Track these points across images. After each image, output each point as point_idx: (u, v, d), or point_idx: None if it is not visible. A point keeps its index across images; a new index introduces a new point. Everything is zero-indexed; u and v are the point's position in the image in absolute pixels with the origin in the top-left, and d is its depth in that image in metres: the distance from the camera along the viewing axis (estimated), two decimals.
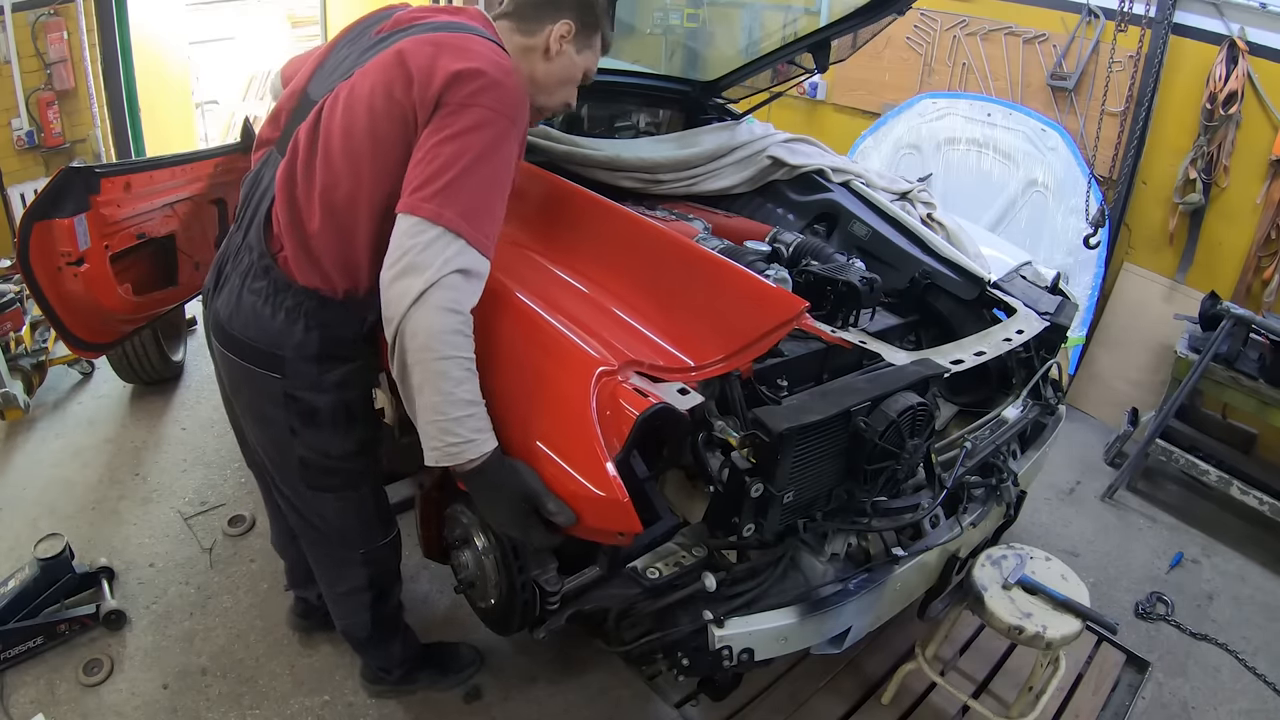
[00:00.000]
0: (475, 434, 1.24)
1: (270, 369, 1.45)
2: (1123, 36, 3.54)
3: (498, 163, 1.26)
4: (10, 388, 2.79)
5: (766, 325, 1.49)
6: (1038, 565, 1.85)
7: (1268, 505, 2.90)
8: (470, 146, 1.23)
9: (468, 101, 1.23)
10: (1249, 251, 3.38)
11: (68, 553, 2.20)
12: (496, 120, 1.25)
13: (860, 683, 2.17)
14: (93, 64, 4.10)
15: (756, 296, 1.57)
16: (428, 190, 1.20)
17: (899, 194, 2.64)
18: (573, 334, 1.41)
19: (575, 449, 1.29)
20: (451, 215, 1.19)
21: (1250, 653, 2.51)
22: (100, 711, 1.98)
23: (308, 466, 1.56)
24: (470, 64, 1.25)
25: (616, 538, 1.32)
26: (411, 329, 1.18)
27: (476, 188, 1.22)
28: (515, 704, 2.10)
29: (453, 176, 1.21)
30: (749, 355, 1.49)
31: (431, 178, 1.21)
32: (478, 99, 1.24)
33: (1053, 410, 2.27)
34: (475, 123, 1.23)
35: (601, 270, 1.66)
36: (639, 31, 3.56)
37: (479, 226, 1.22)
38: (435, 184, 1.20)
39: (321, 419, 1.50)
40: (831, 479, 1.57)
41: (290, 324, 1.41)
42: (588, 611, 1.57)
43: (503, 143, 1.26)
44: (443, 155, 1.22)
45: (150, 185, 2.35)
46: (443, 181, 1.20)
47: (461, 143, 1.22)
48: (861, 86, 4.58)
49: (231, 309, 1.45)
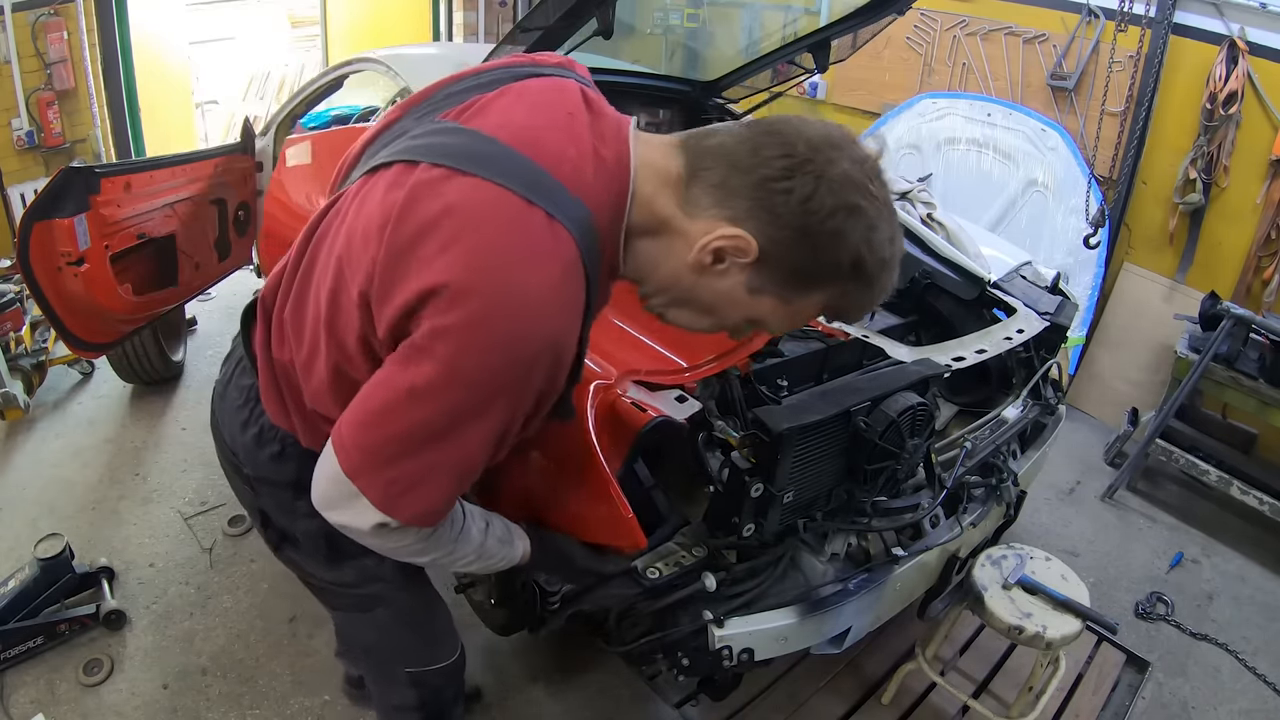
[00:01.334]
0: (504, 553, 1.14)
1: (244, 482, 1.20)
2: (1123, 36, 3.54)
3: (467, 439, 0.86)
4: (10, 388, 2.79)
5: None
6: (1038, 565, 1.85)
7: (1268, 505, 2.90)
8: (411, 416, 0.84)
9: (429, 340, 0.81)
10: (1249, 251, 3.38)
11: (68, 553, 2.20)
12: (467, 388, 0.82)
13: (860, 683, 2.17)
14: (93, 64, 4.10)
15: None
16: (356, 431, 0.87)
17: (899, 194, 2.65)
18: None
19: (576, 467, 1.30)
20: (368, 482, 0.87)
21: (1250, 653, 2.51)
22: (100, 711, 1.98)
23: (304, 582, 1.33)
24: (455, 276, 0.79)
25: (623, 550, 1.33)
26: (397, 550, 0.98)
27: (420, 463, 0.86)
28: (515, 704, 2.10)
29: (389, 438, 0.85)
30: (742, 353, 1.49)
31: (365, 424, 0.87)
32: (445, 348, 0.80)
33: (1053, 410, 2.27)
34: (429, 385, 0.81)
35: None
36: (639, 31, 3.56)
37: (403, 503, 0.88)
38: (364, 434, 0.87)
39: (302, 547, 1.22)
40: (831, 479, 1.57)
41: (260, 445, 1.13)
42: (588, 611, 1.57)
43: (473, 422, 0.84)
44: (387, 402, 0.85)
45: (150, 185, 2.35)
46: (375, 435, 0.86)
47: (403, 406, 0.84)
48: (861, 86, 4.58)
49: (220, 394, 1.22)
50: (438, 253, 0.80)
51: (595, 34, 2.06)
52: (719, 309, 0.93)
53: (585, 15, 1.89)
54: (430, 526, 0.95)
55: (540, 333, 0.82)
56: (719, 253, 0.86)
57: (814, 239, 0.84)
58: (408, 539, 0.95)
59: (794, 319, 0.94)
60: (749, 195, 0.84)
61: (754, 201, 0.84)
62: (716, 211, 0.86)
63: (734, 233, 0.84)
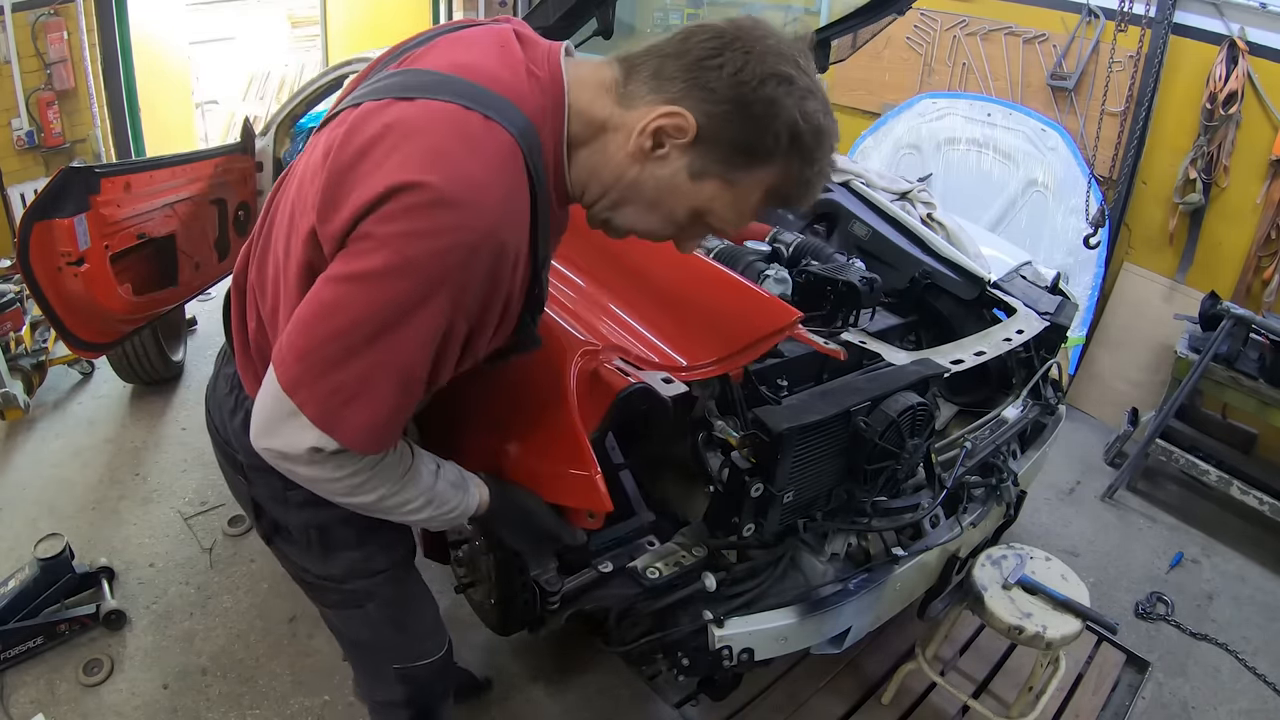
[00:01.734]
0: (453, 508, 1.11)
1: (236, 471, 1.20)
2: (1123, 36, 3.54)
3: (404, 339, 0.84)
4: (10, 388, 2.79)
5: (759, 333, 1.50)
6: (1038, 565, 1.85)
7: (1268, 505, 2.90)
8: (355, 307, 0.82)
9: (370, 234, 0.81)
10: (1249, 251, 3.38)
11: (68, 553, 2.20)
12: (410, 274, 0.81)
13: (860, 683, 2.17)
14: (93, 64, 4.10)
15: (752, 304, 1.58)
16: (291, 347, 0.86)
17: (899, 194, 2.64)
18: (559, 316, 1.41)
19: (550, 423, 1.27)
20: (306, 396, 0.86)
21: (1250, 653, 2.50)
22: (100, 711, 1.98)
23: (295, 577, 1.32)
24: (375, 189, 0.80)
25: (586, 519, 1.29)
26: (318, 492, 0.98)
27: (356, 368, 0.85)
28: (515, 704, 2.10)
29: (322, 342, 0.84)
30: (740, 360, 1.49)
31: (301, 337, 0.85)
32: (387, 237, 0.80)
33: (1053, 410, 2.27)
34: (374, 271, 0.81)
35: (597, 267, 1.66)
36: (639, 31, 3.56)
37: (344, 416, 0.86)
38: (300, 345, 0.85)
39: (294, 539, 1.22)
40: (831, 479, 1.57)
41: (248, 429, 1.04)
42: (588, 611, 1.57)
43: (419, 312, 0.83)
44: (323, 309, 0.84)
45: (150, 185, 2.35)
46: (310, 344, 0.85)
47: (348, 298, 0.83)
48: (861, 86, 4.58)
49: (212, 385, 1.23)
50: (379, 163, 0.81)
51: (595, 34, 2.06)
52: (663, 200, 0.94)
53: (585, 15, 1.89)
54: (373, 452, 0.92)
55: (483, 220, 0.82)
56: (658, 134, 0.89)
57: (749, 109, 0.86)
58: (347, 469, 0.92)
59: (739, 206, 0.94)
60: (683, 77, 0.88)
61: (688, 82, 0.88)
62: (653, 97, 0.89)
63: (670, 109, 0.87)
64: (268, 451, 0.92)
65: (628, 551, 1.54)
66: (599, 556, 1.52)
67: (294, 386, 0.86)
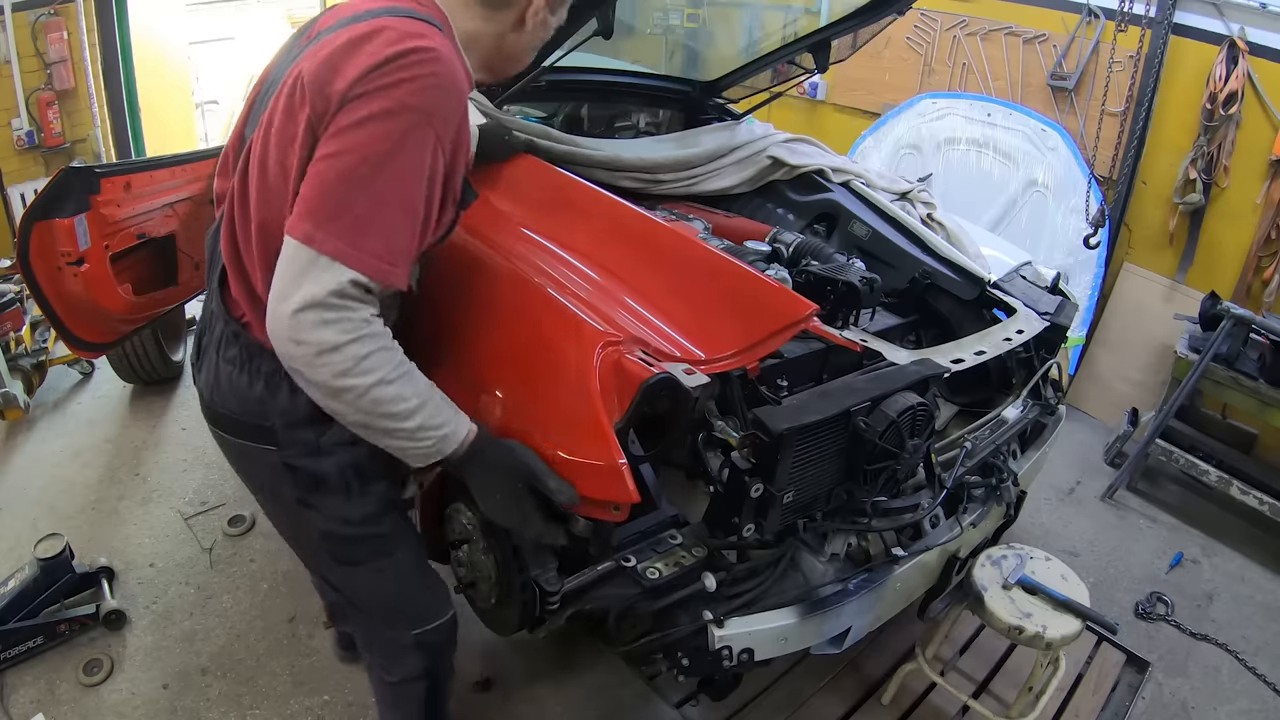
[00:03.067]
0: (443, 423, 1.14)
1: (263, 441, 1.28)
2: (1123, 36, 3.54)
3: (401, 168, 1.03)
4: (10, 388, 2.79)
5: (776, 325, 1.49)
6: (1038, 565, 1.85)
7: (1268, 505, 2.90)
8: (356, 148, 1.01)
9: (368, 89, 1.02)
10: (1249, 251, 3.38)
11: (68, 553, 2.20)
12: (401, 113, 1.02)
13: (860, 683, 2.17)
14: (93, 64, 4.10)
15: (768, 297, 1.57)
16: (303, 207, 1.02)
17: (899, 194, 2.64)
18: (579, 308, 1.41)
19: (572, 414, 1.26)
20: (323, 236, 1.00)
21: (1250, 653, 2.51)
22: (100, 711, 1.98)
23: (331, 539, 1.39)
24: (374, 57, 1.02)
25: (610, 511, 1.27)
26: (318, 378, 1.03)
27: (364, 201, 1.01)
28: (515, 703, 2.10)
29: (330, 189, 1.01)
30: (758, 353, 1.49)
31: (310, 194, 1.02)
32: (384, 84, 1.02)
33: (1053, 410, 2.27)
34: (370, 115, 1.01)
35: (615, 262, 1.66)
36: (639, 31, 3.56)
37: (361, 245, 1.01)
38: (311, 200, 1.02)
39: (331, 486, 1.32)
40: (831, 479, 1.57)
41: (272, 390, 1.24)
42: (588, 611, 1.57)
43: (409, 142, 1.03)
44: (325, 164, 1.02)
45: (150, 185, 2.35)
46: (319, 196, 1.01)
47: (347, 144, 1.01)
48: (861, 86, 4.58)
49: (212, 384, 1.30)
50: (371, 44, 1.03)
51: (595, 34, 2.06)
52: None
53: (585, 15, 1.89)
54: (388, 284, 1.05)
55: (451, 71, 1.07)
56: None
57: None
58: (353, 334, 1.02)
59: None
60: None
61: None
62: None
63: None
64: (284, 318, 1.00)
65: (651, 545, 1.53)
66: (622, 550, 1.50)
67: (310, 236, 1.00)
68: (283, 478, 1.31)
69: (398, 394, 1.08)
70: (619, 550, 1.50)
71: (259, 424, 1.26)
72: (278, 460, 1.29)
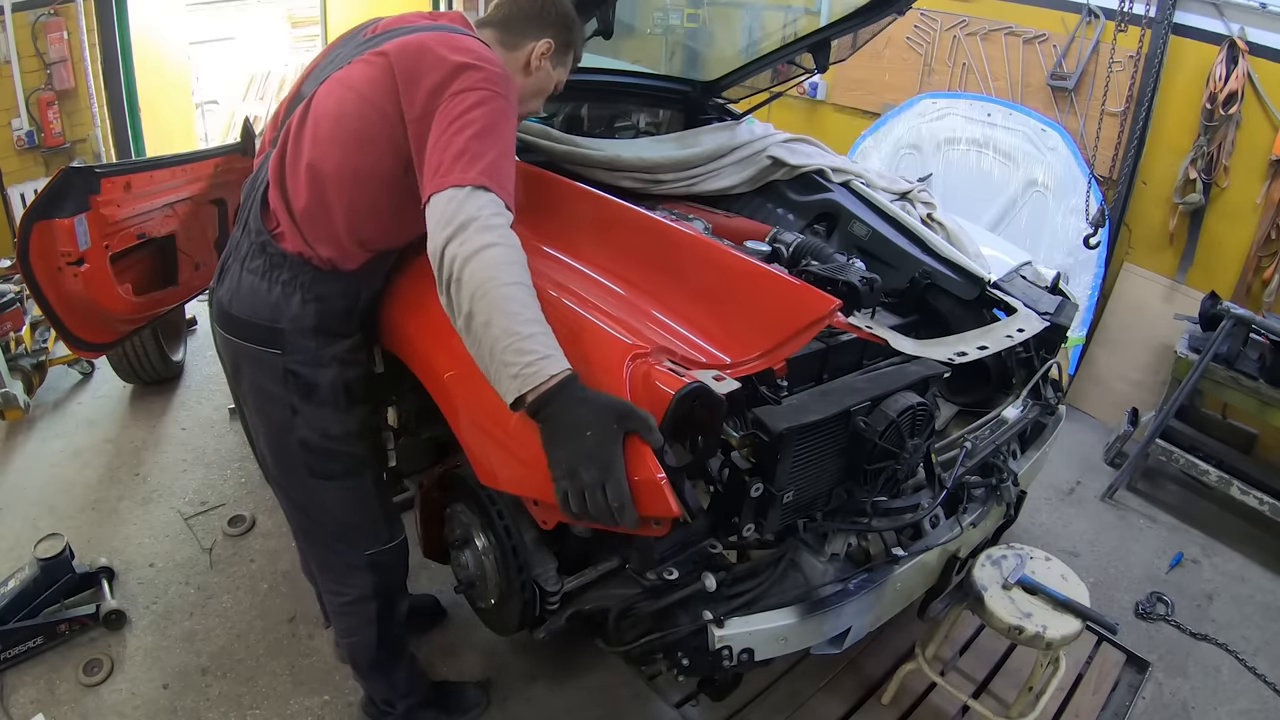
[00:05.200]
0: (550, 350, 1.17)
1: (270, 344, 1.48)
2: (1123, 36, 3.54)
3: (505, 132, 1.35)
4: (10, 388, 2.79)
5: (800, 323, 1.49)
6: (1038, 565, 1.85)
7: (1268, 505, 2.90)
8: (476, 120, 1.31)
9: (466, 87, 1.32)
10: (1249, 251, 3.38)
11: (68, 553, 2.20)
12: (495, 98, 1.33)
13: (860, 683, 2.17)
14: (93, 64, 4.10)
15: (788, 295, 1.57)
16: (451, 166, 1.27)
17: (899, 194, 2.64)
18: (603, 323, 1.41)
19: None
20: (475, 174, 1.26)
21: (1250, 653, 2.51)
22: (100, 711, 1.98)
23: (309, 449, 1.56)
24: (462, 57, 1.35)
25: (652, 527, 1.24)
26: (470, 269, 1.18)
27: (493, 153, 1.30)
28: (515, 704, 2.10)
29: (469, 147, 1.28)
30: (784, 353, 1.49)
31: (455, 157, 1.28)
32: (476, 85, 1.33)
33: (1053, 410, 2.27)
34: (479, 101, 1.32)
35: (632, 271, 1.66)
36: (639, 31, 3.56)
37: (501, 184, 1.28)
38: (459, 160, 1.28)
39: (322, 396, 1.52)
40: (831, 479, 1.57)
41: (287, 296, 1.46)
42: (588, 611, 1.57)
43: (505, 116, 1.35)
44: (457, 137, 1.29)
45: (150, 185, 2.35)
46: (464, 155, 1.28)
47: (469, 120, 1.30)
48: (861, 86, 4.58)
49: (232, 292, 1.51)
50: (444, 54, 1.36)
51: (595, 34, 2.07)
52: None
53: (585, 15, 1.89)
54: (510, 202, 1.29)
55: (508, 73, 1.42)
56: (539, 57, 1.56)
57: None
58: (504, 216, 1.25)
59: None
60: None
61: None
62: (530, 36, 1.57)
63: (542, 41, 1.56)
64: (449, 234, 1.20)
65: (692, 556, 1.51)
66: (665, 564, 1.47)
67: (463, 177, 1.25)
68: (280, 382, 1.50)
69: (528, 300, 1.20)
70: (661, 564, 1.47)
71: (270, 326, 1.47)
72: (279, 364, 1.48)
